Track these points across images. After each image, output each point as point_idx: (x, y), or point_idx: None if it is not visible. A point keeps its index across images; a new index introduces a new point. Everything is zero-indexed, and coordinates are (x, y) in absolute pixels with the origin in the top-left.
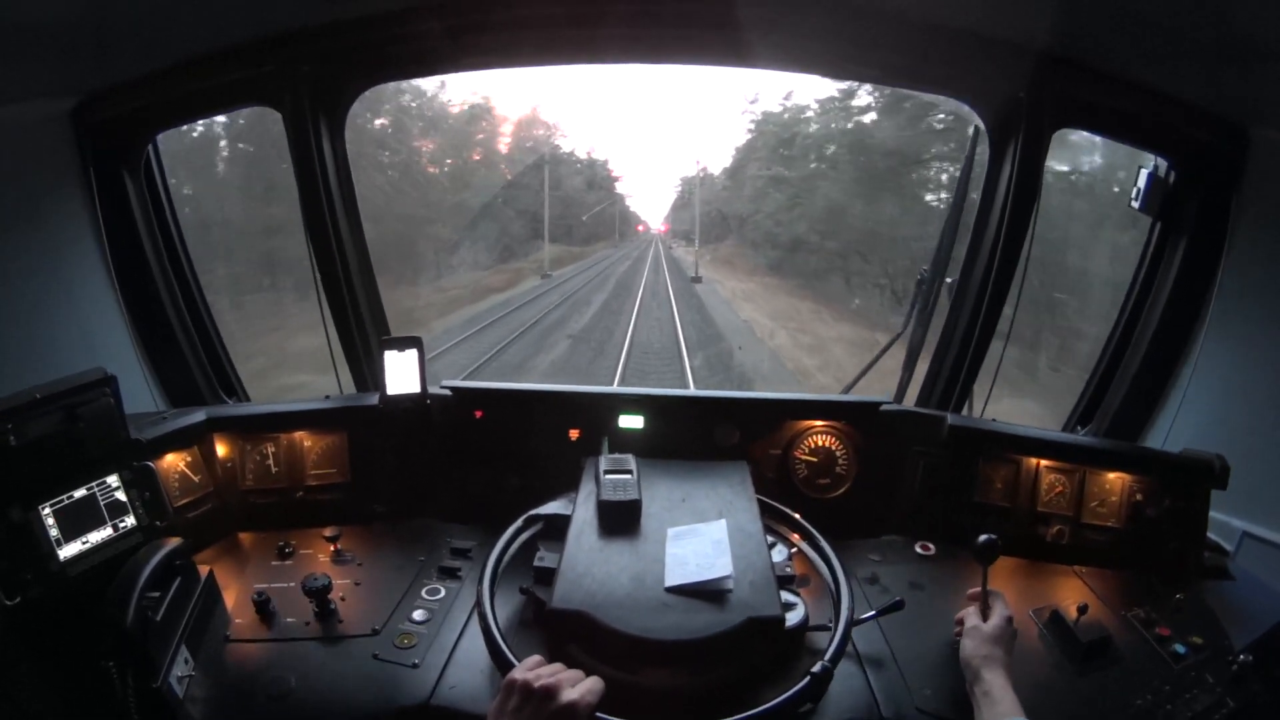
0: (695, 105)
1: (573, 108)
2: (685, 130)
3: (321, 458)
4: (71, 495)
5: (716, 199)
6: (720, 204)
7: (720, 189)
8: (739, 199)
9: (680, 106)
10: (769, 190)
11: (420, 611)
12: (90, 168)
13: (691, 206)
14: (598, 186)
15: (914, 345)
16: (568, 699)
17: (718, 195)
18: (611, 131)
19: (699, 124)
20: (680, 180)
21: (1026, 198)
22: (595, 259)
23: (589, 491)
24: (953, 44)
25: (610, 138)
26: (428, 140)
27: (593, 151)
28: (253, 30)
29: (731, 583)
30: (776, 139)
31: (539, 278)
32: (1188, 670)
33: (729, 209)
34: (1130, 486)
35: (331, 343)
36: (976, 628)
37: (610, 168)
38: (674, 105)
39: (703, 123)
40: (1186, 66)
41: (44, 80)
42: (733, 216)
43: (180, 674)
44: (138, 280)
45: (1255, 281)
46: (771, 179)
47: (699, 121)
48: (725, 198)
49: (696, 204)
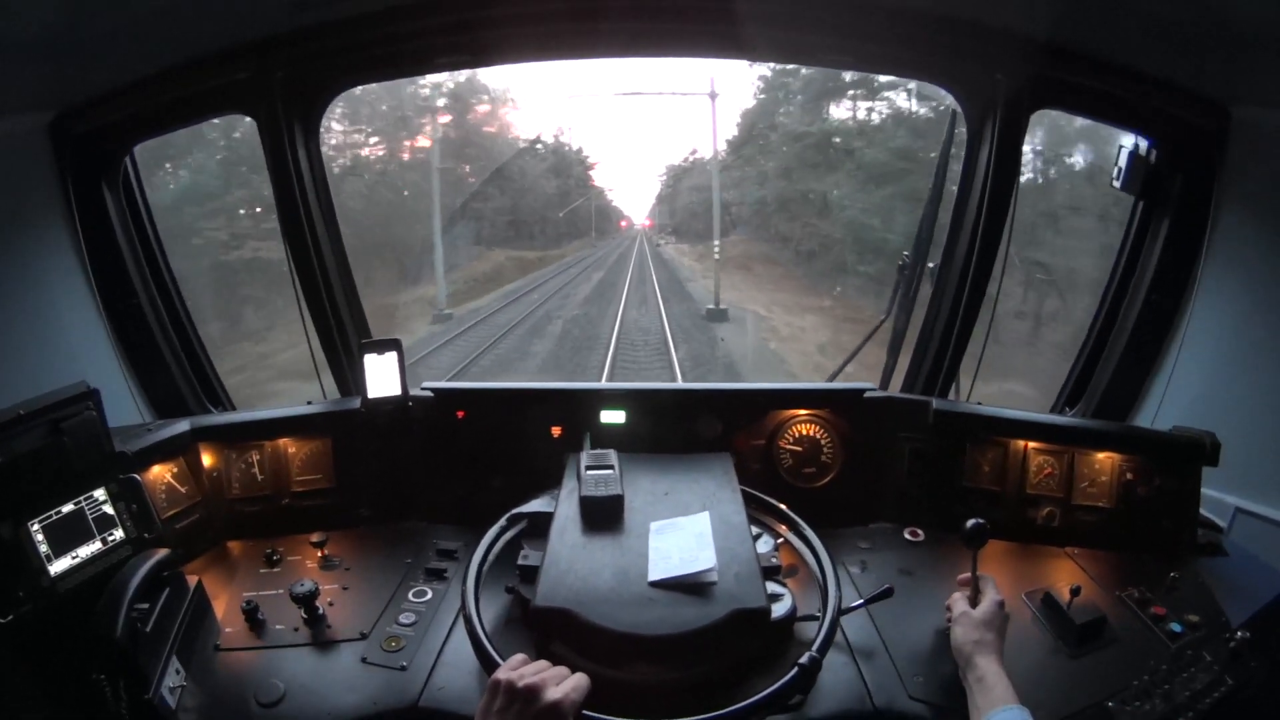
0: (675, 90)
1: (536, 89)
2: (668, 119)
3: (306, 464)
4: (59, 510)
5: (718, 185)
6: (725, 191)
7: (720, 170)
8: (748, 181)
9: (659, 96)
10: (799, 161)
11: (407, 614)
12: (69, 180)
13: (678, 197)
14: (564, 175)
15: (898, 331)
16: (552, 697)
17: (707, 179)
18: (587, 120)
19: (682, 110)
20: (665, 169)
21: (1006, 179)
22: (559, 268)
23: (571, 488)
24: (928, 28)
25: (585, 126)
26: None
27: (562, 134)
28: (227, 39)
29: (715, 575)
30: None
31: (430, 321)
32: (1184, 649)
33: (743, 195)
34: (1120, 466)
35: (313, 348)
36: (966, 614)
37: (583, 153)
38: (652, 95)
39: (687, 109)
40: (1166, 46)
41: (21, 94)
42: (740, 204)
43: (172, 684)
44: (119, 292)
45: (1240, 257)
46: (799, 142)
47: (682, 108)
48: (734, 180)
49: (716, 193)
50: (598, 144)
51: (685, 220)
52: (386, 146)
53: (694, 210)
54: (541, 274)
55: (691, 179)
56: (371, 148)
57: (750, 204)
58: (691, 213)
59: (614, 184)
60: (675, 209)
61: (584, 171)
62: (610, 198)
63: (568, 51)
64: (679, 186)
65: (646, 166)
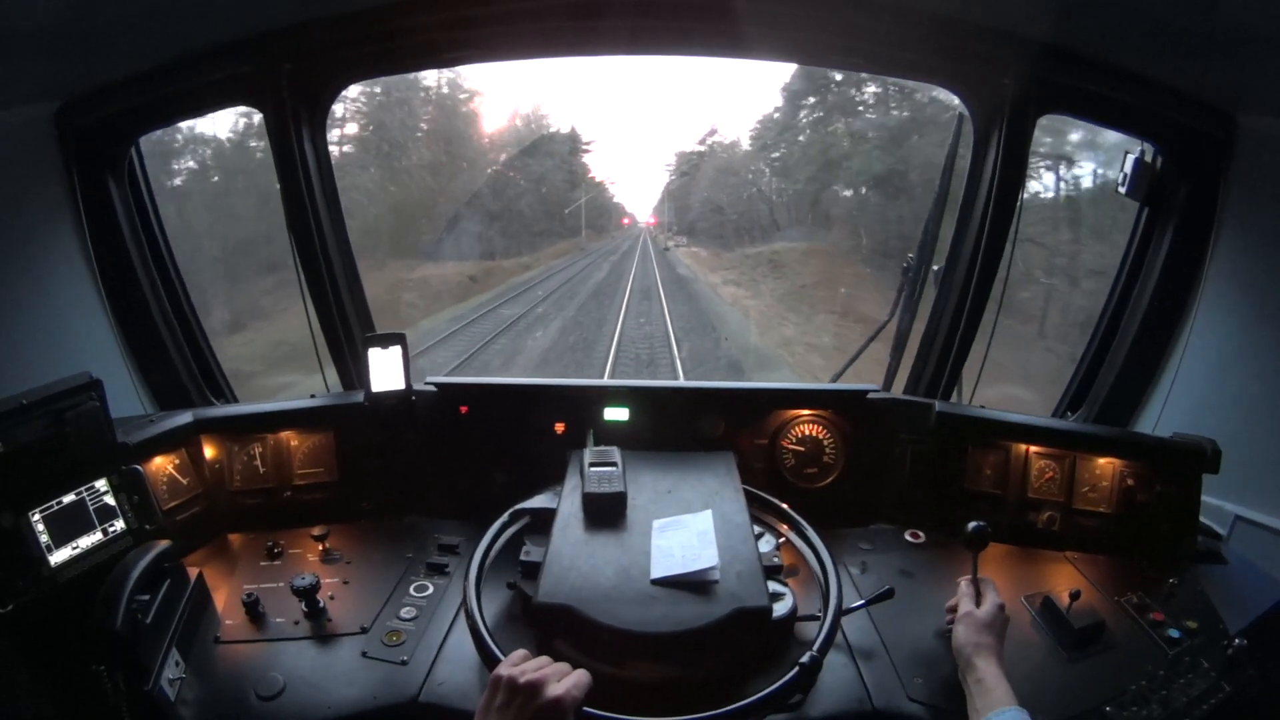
0: (684, 81)
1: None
2: (674, 109)
3: (308, 457)
4: (61, 501)
5: (739, 170)
6: (747, 178)
7: (742, 155)
8: (793, 162)
9: (668, 84)
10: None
11: (408, 609)
12: (73, 171)
13: (688, 193)
14: (544, 154)
15: (901, 333)
16: (553, 694)
17: (740, 162)
18: (587, 108)
19: (688, 100)
20: (675, 159)
21: (1012, 183)
22: (504, 293)
23: (574, 485)
24: (937, 31)
25: (585, 114)
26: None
27: (539, 108)
28: (233, 30)
29: (717, 573)
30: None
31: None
32: (1182, 655)
33: (791, 183)
34: (1121, 471)
35: (317, 341)
36: (970, 614)
37: (577, 132)
38: (660, 84)
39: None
40: (1173, 53)
41: (26, 85)
42: (793, 192)
43: (171, 676)
44: (123, 283)
45: (1244, 265)
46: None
47: (688, 97)
48: (779, 165)
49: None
50: (594, 130)
51: (704, 217)
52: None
53: (714, 207)
54: (480, 301)
55: (711, 166)
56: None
57: (802, 192)
58: (714, 208)
59: (614, 177)
60: (689, 204)
61: (576, 146)
62: (611, 191)
63: (571, 48)
64: (695, 175)
65: (650, 161)
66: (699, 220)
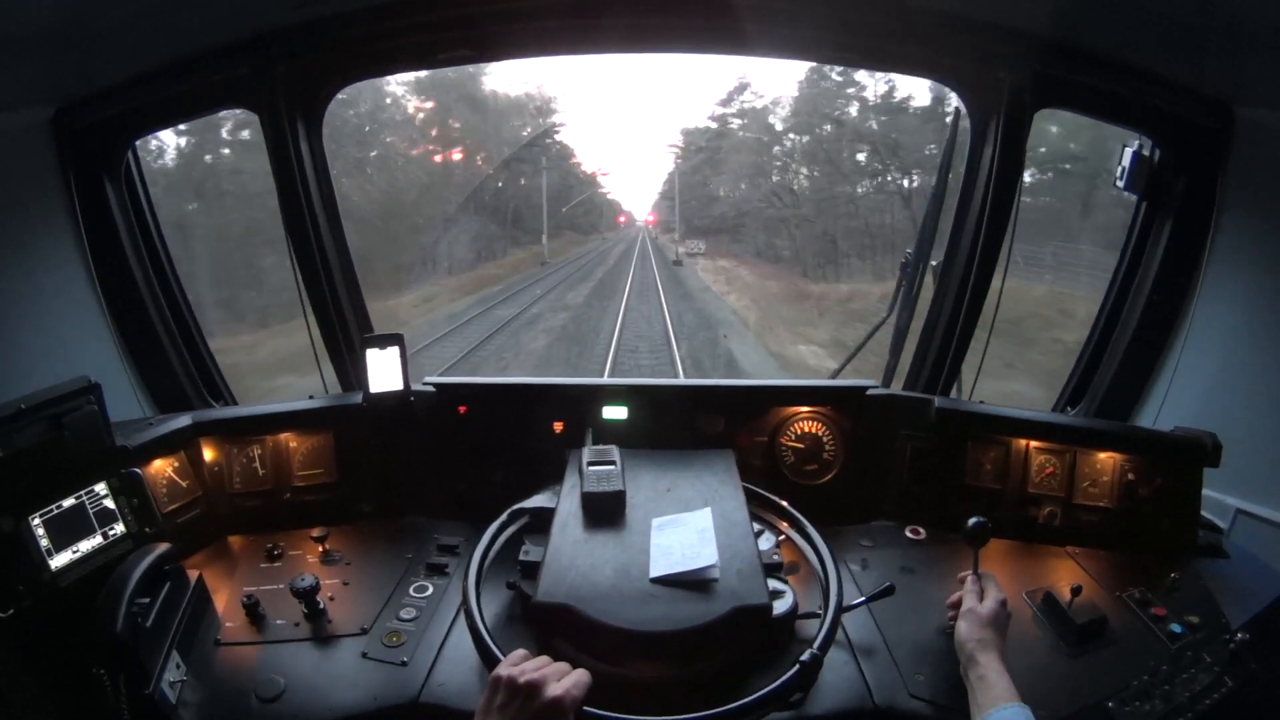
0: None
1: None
2: (671, 107)
3: (308, 458)
4: (60, 505)
5: (753, 155)
6: (764, 167)
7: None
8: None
9: (663, 80)
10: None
11: (408, 609)
12: (70, 174)
13: (706, 181)
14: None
15: (900, 328)
16: (553, 694)
17: (757, 146)
18: (582, 107)
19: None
20: (681, 136)
21: (1010, 177)
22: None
23: (573, 484)
24: (933, 26)
25: (579, 113)
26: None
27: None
28: (228, 32)
29: (717, 571)
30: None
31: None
32: (1184, 650)
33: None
34: (1122, 466)
35: (315, 342)
36: (971, 610)
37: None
38: (655, 78)
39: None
40: (1171, 46)
41: (23, 88)
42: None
43: (172, 679)
44: (121, 286)
45: (1243, 257)
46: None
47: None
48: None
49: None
50: (597, 136)
51: (725, 215)
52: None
53: (748, 202)
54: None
55: (741, 136)
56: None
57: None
58: (746, 202)
59: (611, 170)
60: (707, 196)
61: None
62: (606, 188)
63: (568, 47)
64: (715, 158)
65: (649, 149)
66: (718, 221)
